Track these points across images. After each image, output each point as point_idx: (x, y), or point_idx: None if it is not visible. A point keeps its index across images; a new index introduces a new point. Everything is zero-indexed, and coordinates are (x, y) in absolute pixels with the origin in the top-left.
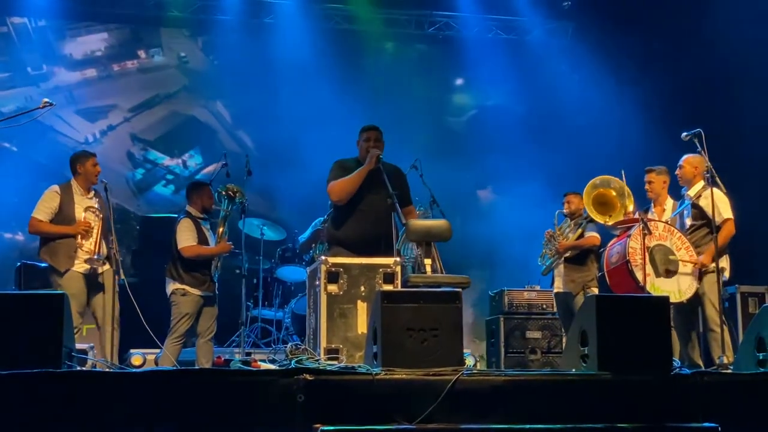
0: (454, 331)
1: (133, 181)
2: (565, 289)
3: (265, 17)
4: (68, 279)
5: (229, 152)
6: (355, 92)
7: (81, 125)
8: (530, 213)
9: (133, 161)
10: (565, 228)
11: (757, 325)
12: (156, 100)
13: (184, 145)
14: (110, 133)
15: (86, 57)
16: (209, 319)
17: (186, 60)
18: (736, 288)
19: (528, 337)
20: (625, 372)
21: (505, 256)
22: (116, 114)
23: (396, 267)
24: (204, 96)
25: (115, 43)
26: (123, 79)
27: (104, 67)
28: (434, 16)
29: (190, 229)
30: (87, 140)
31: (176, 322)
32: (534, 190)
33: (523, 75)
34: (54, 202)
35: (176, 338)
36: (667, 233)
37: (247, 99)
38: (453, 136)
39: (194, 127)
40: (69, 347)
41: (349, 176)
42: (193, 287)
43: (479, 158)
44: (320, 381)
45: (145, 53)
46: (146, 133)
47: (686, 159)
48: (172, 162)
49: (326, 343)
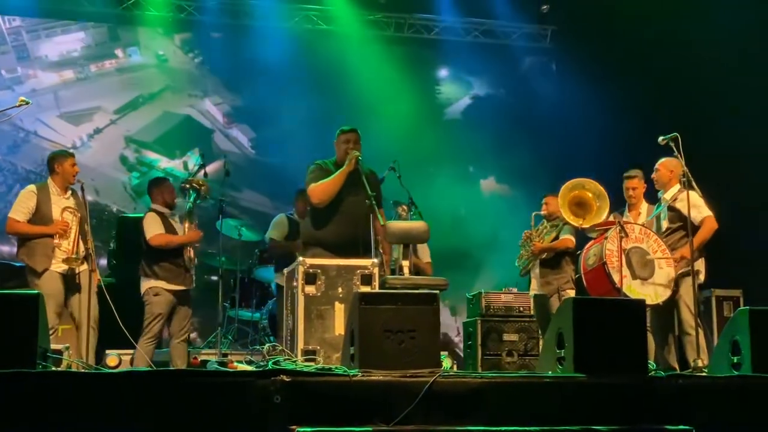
0: (432, 332)
1: (130, 186)
2: (540, 291)
3: (244, 19)
4: (46, 279)
5: (226, 152)
6: (334, 94)
7: (65, 129)
8: (508, 214)
9: (126, 165)
10: (542, 229)
11: (731, 328)
12: (140, 101)
13: (181, 146)
14: (98, 137)
15: (63, 58)
16: (183, 319)
17: (165, 58)
18: (711, 292)
19: (505, 340)
20: (601, 374)
21: (483, 258)
22: (101, 116)
23: (374, 268)
24: (191, 95)
25: (91, 42)
26: (102, 79)
27: (82, 68)
28: (414, 19)
29: (156, 221)
30: (75, 145)
31: (149, 322)
32: (512, 191)
33: (502, 78)
34: (31, 202)
35: (149, 338)
36: (644, 236)
37: (237, 98)
38: (432, 138)
39: (190, 127)
40: (44, 347)
41: (329, 178)
42: (169, 282)
43: (458, 160)
44: (297, 382)
45: (122, 52)
46: (141, 135)
47: (662, 162)
48: (170, 164)
49: (303, 345)
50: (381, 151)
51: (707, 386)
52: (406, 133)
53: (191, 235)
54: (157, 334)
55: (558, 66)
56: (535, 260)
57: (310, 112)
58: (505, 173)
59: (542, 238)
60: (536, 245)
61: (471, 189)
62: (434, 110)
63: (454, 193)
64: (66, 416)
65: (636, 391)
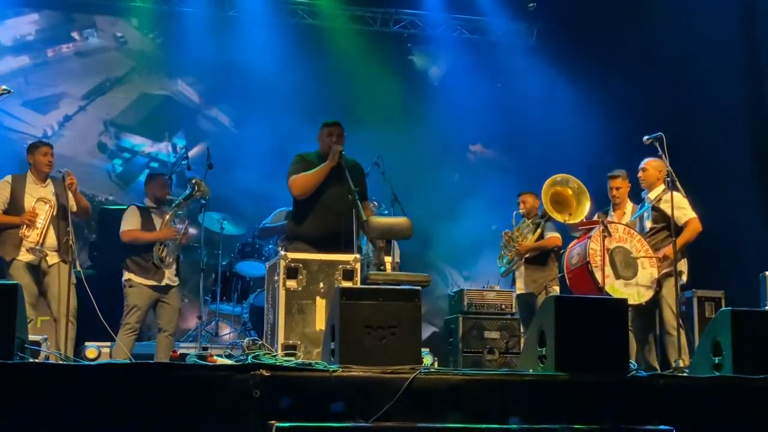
0: (413, 329)
1: (114, 174)
2: (527, 290)
3: (229, 11)
4: (14, 269)
5: (207, 132)
6: (319, 88)
7: (32, 118)
8: (487, 213)
9: (106, 152)
10: (524, 228)
11: (713, 329)
12: (107, 85)
13: (163, 128)
14: (69, 124)
15: (17, 42)
16: (169, 313)
17: (124, 40)
18: (693, 292)
19: (486, 337)
20: (582, 373)
21: (466, 256)
22: (69, 103)
23: (356, 264)
24: (160, 76)
25: (46, 25)
26: (62, 64)
27: (38, 53)
28: (399, 14)
29: (134, 215)
30: (45, 134)
31: (126, 313)
32: (490, 189)
33: (488, 75)
34: (5, 192)
35: (127, 330)
36: (627, 236)
37: (213, 78)
38: (415, 135)
39: (172, 107)
40: (22, 338)
41: (311, 171)
42: (139, 276)
43: (442, 157)
44: (277, 377)
45: (79, 35)
46: (122, 119)
47: (649, 162)
48: (154, 148)
49: (284, 339)
50: (364, 146)
51: (688, 386)
52: (390, 128)
53: (163, 233)
54: (134, 325)
55: (544, 64)
56: (520, 260)
57: (292, 105)
58: (488, 169)
59: (525, 236)
60: (522, 245)
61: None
62: (419, 105)
63: (437, 190)
64: (43, 408)
65: (617, 390)
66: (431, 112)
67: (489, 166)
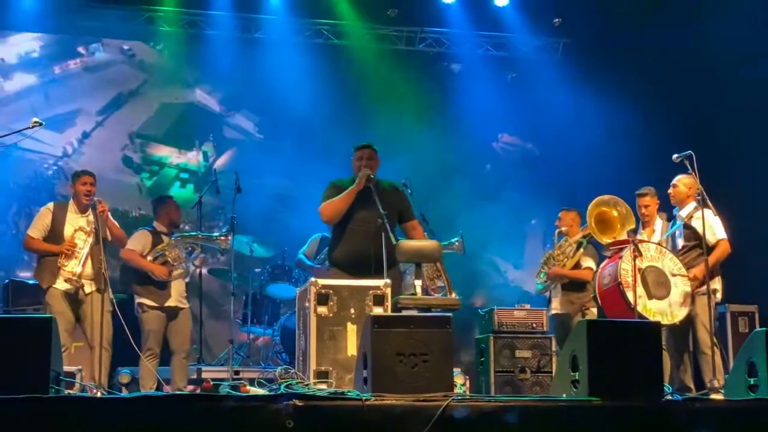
0: (445, 355)
1: (145, 189)
2: (563, 311)
3: (254, 32)
4: (51, 296)
5: (232, 140)
6: (348, 109)
7: (49, 137)
8: (515, 229)
9: (132, 166)
10: (566, 247)
11: (748, 349)
12: (123, 98)
13: (188, 137)
14: (88, 141)
15: (22, 60)
16: (180, 335)
17: (132, 53)
18: (726, 307)
19: (518, 356)
20: (616, 398)
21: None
22: (85, 119)
23: (386, 289)
24: (177, 86)
25: (51, 41)
26: (72, 80)
27: (45, 70)
28: (425, 32)
29: (143, 237)
30: (66, 152)
31: (144, 338)
32: (520, 206)
33: (513, 92)
34: (46, 219)
35: (149, 355)
36: (659, 254)
37: (232, 86)
38: (445, 152)
39: (194, 116)
40: (56, 371)
41: (338, 197)
42: (148, 299)
43: (471, 174)
44: (310, 407)
45: (85, 50)
46: (143, 132)
47: (680, 179)
48: (181, 158)
49: (316, 366)
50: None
51: (723, 410)
52: (416, 146)
53: (155, 268)
54: (155, 350)
55: (570, 79)
56: (552, 284)
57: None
58: (516, 188)
59: (567, 255)
60: (554, 270)
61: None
62: (447, 124)
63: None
64: None
65: (652, 414)
66: (457, 130)
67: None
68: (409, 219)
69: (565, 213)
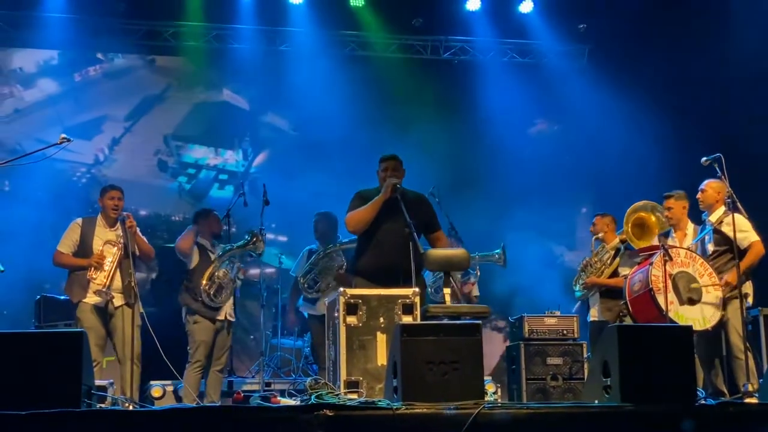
0: (475, 363)
1: (185, 192)
2: (600, 318)
3: (280, 45)
4: (81, 311)
5: (266, 138)
6: (374, 119)
7: (78, 146)
8: (544, 236)
9: (167, 170)
10: (603, 254)
11: None
12: (148, 103)
13: (224, 138)
14: (117, 148)
15: (40, 68)
16: (220, 349)
17: (152, 58)
18: (758, 311)
19: (549, 363)
20: (649, 403)
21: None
22: (112, 126)
23: (415, 298)
24: (202, 88)
25: (68, 47)
26: (93, 87)
27: (65, 78)
28: (449, 41)
29: (192, 234)
30: (98, 159)
31: (193, 350)
32: (549, 212)
33: (539, 98)
34: (75, 234)
35: (196, 367)
36: (689, 260)
37: (260, 85)
38: (472, 161)
39: (228, 116)
40: (88, 385)
41: (364, 207)
42: (200, 310)
43: (499, 183)
44: (341, 417)
45: (103, 56)
46: (176, 134)
47: (709, 183)
48: (219, 159)
49: (346, 376)
50: (419, 176)
51: (757, 413)
52: (444, 156)
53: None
54: (203, 361)
55: (596, 84)
56: (590, 291)
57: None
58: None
59: (604, 262)
60: (590, 279)
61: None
62: (472, 132)
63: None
64: None
65: (685, 420)
66: (482, 138)
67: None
68: (434, 230)
69: (599, 218)
